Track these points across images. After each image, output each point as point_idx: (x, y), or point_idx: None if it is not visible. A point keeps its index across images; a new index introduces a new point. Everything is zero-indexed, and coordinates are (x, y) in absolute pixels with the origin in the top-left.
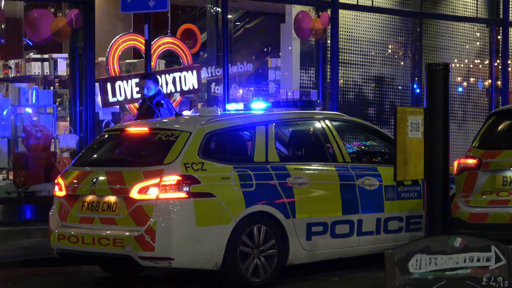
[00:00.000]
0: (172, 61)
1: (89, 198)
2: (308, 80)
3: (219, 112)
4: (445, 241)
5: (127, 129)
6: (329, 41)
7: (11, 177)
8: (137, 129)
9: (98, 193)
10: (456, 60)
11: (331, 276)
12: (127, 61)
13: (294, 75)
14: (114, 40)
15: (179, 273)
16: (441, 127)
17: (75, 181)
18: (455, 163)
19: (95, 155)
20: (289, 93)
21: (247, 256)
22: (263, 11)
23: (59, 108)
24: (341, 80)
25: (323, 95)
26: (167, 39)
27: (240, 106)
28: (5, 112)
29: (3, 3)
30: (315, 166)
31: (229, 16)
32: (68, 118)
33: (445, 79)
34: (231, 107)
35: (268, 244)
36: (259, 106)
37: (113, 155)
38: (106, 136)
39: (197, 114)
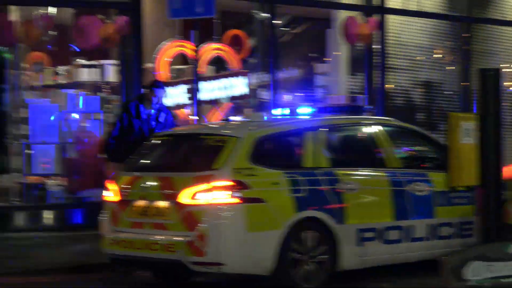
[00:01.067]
0: (220, 66)
1: (140, 203)
2: (355, 86)
3: (266, 118)
4: (501, 248)
5: (177, 134)
6: (376, 46)
7: (61, 183)
8: (186, 134)
9: (149, 198)
10: (506, 65)
11: (381, 282)
12: (175, 66)
13: (341, 80)
14: (162, 46)
15: (229, 279)
16: (493, 133)
17: (126, 186)
18: (506, 169)
19: (146, 160)
20: (337, 99)
21: (298, 261)
22: (309, 16)
23: (108, 114)
24: (389, 85)
25: (370, 100)
26: (215, 45)
27: (286, 111)
28: (52, 118)
29: (52, 10)
30: (365, 172)
31: (276, 22)
32: None
33: (497, 84)
34: (277, 112)
35: (318, 250)
36: (305, 111)
37: (164, 160)
38: (156, 141)
39: (246, 119)
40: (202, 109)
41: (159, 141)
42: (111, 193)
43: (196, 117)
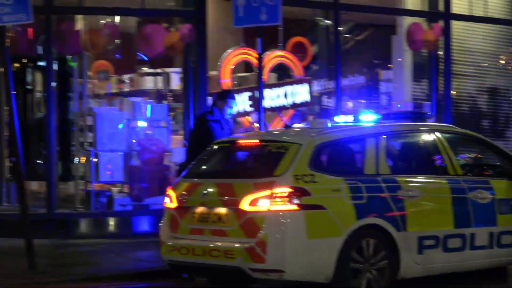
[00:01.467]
0: (283, 74)
1: (200, 209)
2: (420, 92)
3: (329, 124)
4: None
5: (237, 141)
6: (441, 52)
7: (126, 190)
8: (247, 141)
9: (209, 205)
10: None
11: None
12: (238, 74)
13: (406, 87)
14: (226, 53)
15: (288, 286)
16: None
17: (185, 192)
18: None
19: (205, 167)
20: (399, 105)
21: (358, 269)
22: (373, 23)
23: (173, 122)
24: (454, 92)
25: (436, 107)
26: (278, 52)
27: (350, 118)
28: (120, 126)
29: (118, 19)
30: (426, 179)
31: (340, 28)
32: (182, 132)
33: None
34: (339, 119)
35: (378, 257)
36: (368, 118)
37: (223, 167)
38: (216, 148)
39: (308, 126)
40: (265, 117)
41: (220, 148)
42: (171, 200)
43: (258, 125)
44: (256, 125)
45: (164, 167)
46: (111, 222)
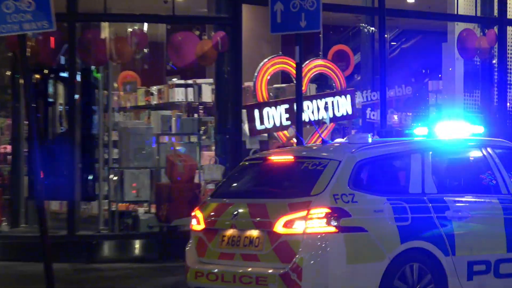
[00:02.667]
0: (323, 84)
1: (230, 232)
2: (472, 104)
3: (371, 140)
4: None
5: (269, 157)
6: (495, 61)
7: (153, 210)
8: (280, 158)
9: (239, 227)
10: None
11: None
12: (275, 85)
13: (457, 98)
14: (262, 63)
15: None
16: None
17: (214, 213)
18: None
19: (236, 186)
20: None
21: None
22: (421, 29)
23: (204, 137)
24: (510, 104)
25: (489, 120)
26: (319, 62)
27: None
28: (147, 141)
29: (146, 26)
30: (476, 198)
31: (385, 36)
32: (213, 147)
33: None
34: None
35: (424, 284)
36: (417, 133)
37: (255, 185)
38: (247, 165)
39: (347, 141)
40: (304, 131)
41: (251, 165)
42: (198, 222)
43: (295, 140)
44: (294, 140)
45: (194, 185)
46: (137, 245)
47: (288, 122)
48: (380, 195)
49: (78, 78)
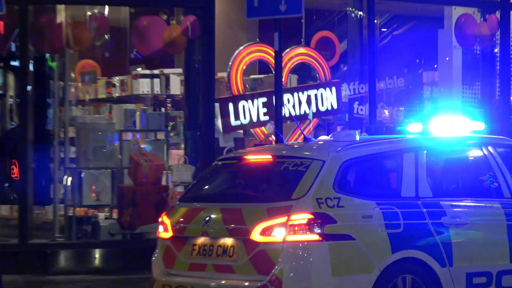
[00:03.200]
0: (305, 75)
1: (201, 240)
2: (472, 98)
3: (358, 137)
4: None
5: (245, 157)
6: (498, 50)
7: (115, 216)
8: (258, 157)
9: (212, 235)
10: None
11: None
12: (252, 76)
13: (454, 91)
14: (237, 51)
15: None
16: None
17: (183, 219)
18: None
19: (208, 189)
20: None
21: None
22: (415, 14)
23: (172, 134)
24: None
25: (490, 115)
26: (301, 50)
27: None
28: (109, 139)
29: (107, 10)
30: (476, 203)
31: (375, 22)
32: (183, 146)
33: None
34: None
35: None
36: (408, 129)
37: (230, 188)
38: (221, 165)
39: (333, 139)
40: (283, 127)
41: (225, 165)
42: (165, 229)
43: (274, 138)
44: (273, 137)
45: (161, 187)
46: (97, 254)
47: (266, 118)
48: (369, 199)
49: (31, 67)
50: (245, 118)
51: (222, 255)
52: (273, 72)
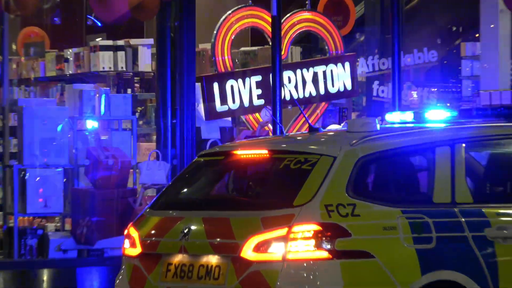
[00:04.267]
0: (310, 48)
1: (178, 258)
2: None
3: (378, 127)
4: None
5: (235, 152)
6: None
7: (68, 227)
8: (250, 153)
9: (192, 251)
10: None
11: None
12: (242, 49)
13: (502, 67)
14: (224, 17)
15: None
16: None
17: (155, 232)
18: None
19: (186, 193)
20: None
21: None
22: None
23: (141, 122)
24: None
25: None
26: (305, 15)
27: (408, 115)
28: (59, 128)
29: None
30: None
31: None
32: (154, 137)
33: None
34: (392, 117)
35: None
36: (438, 117)
37: (214, 192)
38: (203, 162)
39: (346, 128)
40: (283, 114)
41: (208, 163)
42: (133, 244)
43: (271, 127)
44: (269, 127)
45: (126, 191)
46: (45, 276)
47: (262, 102)
48: (392, 206)
49: None
50: (234, 102)
51: (205, 278)
52: (270, 44)
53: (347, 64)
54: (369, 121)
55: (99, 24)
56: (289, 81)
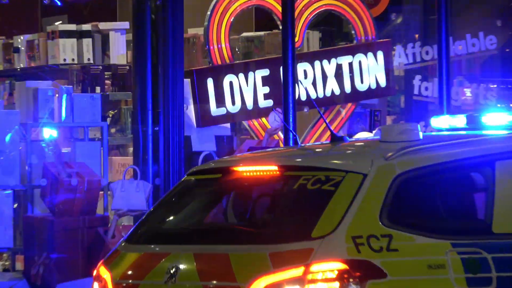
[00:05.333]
0: (332, 32)
1: None
2: None
3: (421, 135)
4: None
5: (235, 168)
6: None
7: (20, 266)
8: (256, 169)
9: None
10: None
11: None
12: (244, 34)
13: None
14: None
15: None
16: None
17: (133, 272)
18: None
19: (173, 221)
20: None
21: None
22: None
23: (113, 130)
24: None
25: None
26: None
27: (459, 120)
28: (8, 138)
29: None
30: None
31: None
32: (131, 150)
33: None
34: (439, 122)
35: None
36: (498, 122)
37: (208, 220)
38: (194, 182)
39: (379, 138)
40: (297, 118)
41: (201, 182)
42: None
43: (281, 135)
44: (280, 135)
45: (95, 219)
46: None
47: (270, 103)
48: (439, 238)
49: None
50: (233, 103)
51: None
52: (280, 28)
53: (379, 54)
54: (409, 127)
55: (59, 3)
56: (305, 76)
